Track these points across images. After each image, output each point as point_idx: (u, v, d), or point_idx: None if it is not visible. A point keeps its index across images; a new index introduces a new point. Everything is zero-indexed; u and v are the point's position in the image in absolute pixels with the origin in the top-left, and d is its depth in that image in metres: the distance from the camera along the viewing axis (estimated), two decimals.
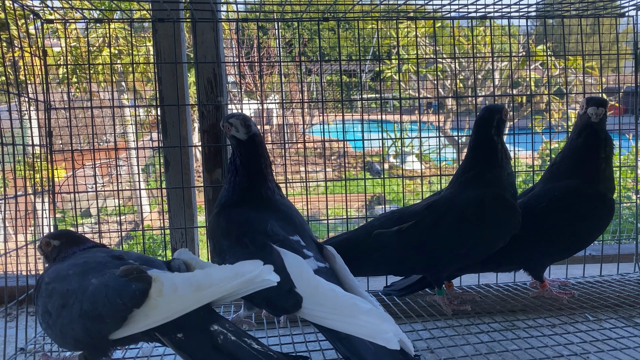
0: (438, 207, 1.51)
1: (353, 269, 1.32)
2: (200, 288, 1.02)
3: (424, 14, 2.11)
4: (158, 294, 1.02)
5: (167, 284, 1.03)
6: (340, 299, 1.05)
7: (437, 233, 1.47)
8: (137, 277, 1.04)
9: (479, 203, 1.47)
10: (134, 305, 1.02)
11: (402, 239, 1.48)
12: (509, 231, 1.48)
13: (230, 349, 1.03)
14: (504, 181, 1.51)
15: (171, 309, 1.02)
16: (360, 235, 1.56)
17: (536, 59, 4.83)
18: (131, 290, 1.03)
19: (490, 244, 1.49)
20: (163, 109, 1.85)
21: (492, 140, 1.52)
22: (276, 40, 5.88)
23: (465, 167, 1.56)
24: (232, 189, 1.39)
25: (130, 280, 1.04)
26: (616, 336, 1.35)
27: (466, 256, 1.50)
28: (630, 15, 2.04)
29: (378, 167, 7.27)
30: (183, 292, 1.02)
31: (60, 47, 3.51)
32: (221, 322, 1.07)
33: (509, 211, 1.48)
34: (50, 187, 1.77)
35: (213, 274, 1.06)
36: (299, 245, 1.25)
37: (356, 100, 4.86)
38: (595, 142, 1.58)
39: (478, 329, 1.47)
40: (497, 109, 1.54)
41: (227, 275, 1.04)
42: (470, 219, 1.46)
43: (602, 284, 1.82)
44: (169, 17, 1.79)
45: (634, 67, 2.03)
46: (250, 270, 1.05)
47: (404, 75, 6.32)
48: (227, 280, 1.03)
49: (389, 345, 0.96)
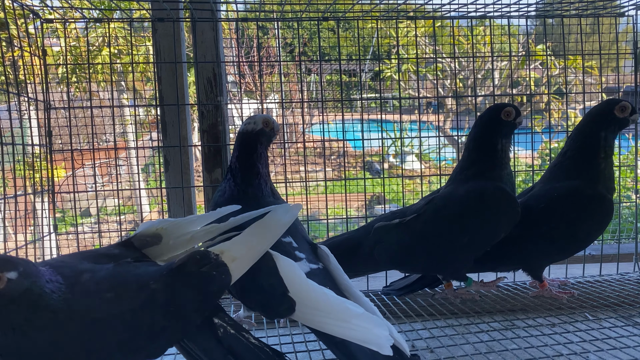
0: (438, 200, 1.53)
1: (355, 267, 1.32)
2: (264, 236, 1.06)
3: (424, 13, 2.11)
4: (232, 259, 1.01)
5: (235, 247, 1.03)
6: (333, 303, 1.04)
7: (438, 222, 1.49)
8: (210, 263, 1.00)
9: (479, 193, 1.50)
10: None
11: (404, 230, 1.50)
12: (508, 221, 1.50)
13: (230, 341, 1.03)
14: (503, 178, 1.53)
15: (247, 261, 1.03)
16: (361, 234, 1.58)
17: (536, 59, 4.83)
18: (210, 264, 1.00)
19: (492, 233, 1.51)
20: (163, 109, 1.85)
21: (492, 139, 1.53)
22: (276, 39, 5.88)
23: (464, 166, 1.58)
24: (225, 189, 1.40)
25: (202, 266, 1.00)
26: (616, 335, 1.35)
27: (468, 246, 1.50)
28: (630, 14, 2.04)
29: (378, 167, 7.26)
30: (255, 243, 1.05)
31: (59, 46, 3.50)
32: (221, 315, 1.07)
33: (509, 201, 1.50)
34: (49, 187, 1.77)
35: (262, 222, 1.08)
36: (291, 247, 1.24)
37: (356, 99, 4.86)
38: (600, 142, 1.58)
39: (478, 328, 1.47)
40: (497, 108, 1.55)
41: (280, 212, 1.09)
42: (471, 206, 1.49)
43: (602, 283, 1.82)
44: (168, 17, 1.79)
45: (634, 66, 2.03)
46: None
47: (404, 75, 6.32)
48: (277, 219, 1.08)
49: (382, 350, 0.95)
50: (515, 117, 1.55)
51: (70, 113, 1.85)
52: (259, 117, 1.43)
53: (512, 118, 1.55)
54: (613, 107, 1.58)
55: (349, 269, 1.26)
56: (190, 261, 0.97)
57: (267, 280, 1.12)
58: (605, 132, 1.58)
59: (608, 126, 1.58)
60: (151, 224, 1.15)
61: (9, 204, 1.66)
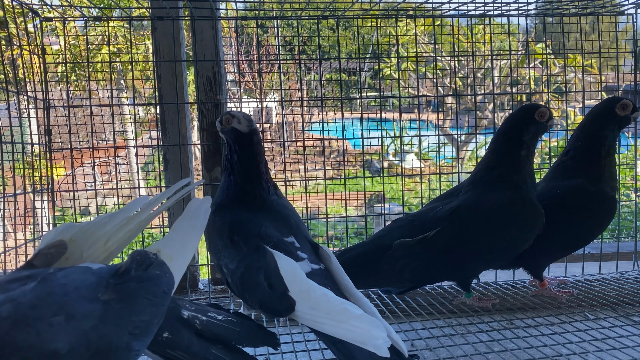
0: (464, 211, 1.48)
1: (375, 282, 1.29)
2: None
3: (424, 12, 2.11)
4: (169, 258, 0.93)
5: (165, 251, 0.92)
6: (332, 304, 1.04)
7: (465, 239, 1.45)
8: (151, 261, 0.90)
9: (507, 207, 1.46)
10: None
11: (427, 246, 1.45)
12: (535, 233, 1.48)
13: (211, 329, 1.03)
14: (527, 183, 1.50)
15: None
16: (379, 247, 1.52)
17: (535, 57, 4.83)
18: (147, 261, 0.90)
19: (518, 247, 1.49)
20: (162, 107, 1.85)
21: (520, 139, 1.50)
22: (275, 38, 5.88)
23: (489, 165, 1.53)
24: (227, 188, 1.39)
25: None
26: (615, 335, 1.35)
27: (494, 260, 1.50)
28: (630, 13, 2.04)
29: (377, 166, 7.26)
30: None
31: (59, 45, 3.50)
32: (184, 305, 1.05)
33: (535, 214, 1.47)
34: (49, 186, 1.77)
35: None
36: (293, 247, 1.25)
37: (356, 98, 4.86)
38: (604, 140, 1.58)
39: (477, 328, 1.47)
40: (530, 109, 1.51)
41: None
42: (499, 224, 1.45)
43: (601, 282, 1.83)
44: (168, 15, 1.79)
45: (634, 65, 2.03)
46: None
47: (404, 74, 6.31)
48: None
49: (379, 352, 0.95)
50: (548, 118, 1.51)
51: (70, 112, 1.85)
52: (241, 116, 1.40)
53: (546, 119, 1.50)
54: (614, 106, 1.57)
55: (369, 284, 1.23)
56: (135, 263, 0.87)
57: (267, 280, 1.13)
58: (607, 131, 1.58)
59: (609, 125, 1.58)
60: (55, 234, 0.94)
61: (8, 202, 1.66)
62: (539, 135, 1.52)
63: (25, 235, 1.75)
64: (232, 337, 1.05)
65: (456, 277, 1.58)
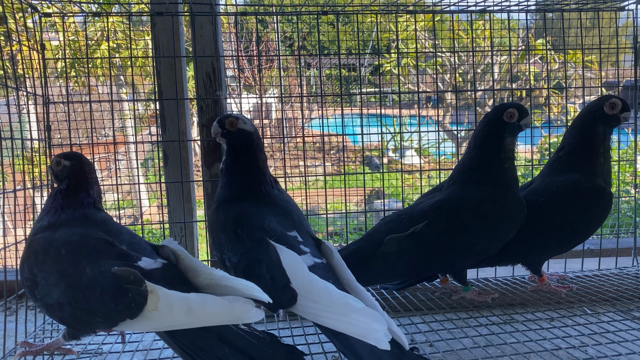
0: (449, 205, 1.49)
1: (369, 279, 1.30)
2: (192, 313, 1.00)
3: (424, 7, 2.11)
4: (153, 308, 1.01)
5: (163, 300, 1.01)
6: (333, 297, 1.05)
7: (452, 232, 1.47)
8: (134, 290, 1.01)
9: (491, 202, 1.48)
10: (127, 315, 1.02)
11: (416, 240, 1.46)
12: (518, 224, 1.50)
13: (234, 340, 1.04)
14: (508, 178, 1.52)
15: (162, 323, 1.02)
16: (370, 244, 1.52)
17: (535, 53, 4.82)
18: (127, 300, 1.01)
19: (503, 238, 1.51)
20: (162, 103, 1.85)
21: (495, 141, 1.51)
22: (275, 33, 5.87)
23: (471, 166, 1.54)
24: (230, 185, 1.40)
25: (127, 286, 1.02)
26: (614, 329, 1.36)
27: (481, 252, 1.51)
28: (630, 9, 2.04)
29: (377, 162, 7.27)
30: (176, 313, 1.00)
31: (58, 40, 3.49)
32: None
33: (519, 206, 1.50)
34: (49, 182, 1.77)
35: (208, 303, 1.02)
36: (296, 241, 1.25)
37: (355, 94, 4.85)
38: (595, 136, 1.58)
39: (477, 322, 1.48)
40: (498, 110, 1.52)
41: (221, 311, 1.01)
42: (485, 216, 1.47)
43: (601, 277, 1.83)
44: (167, 11, 1.79)
45: (634, 61, 2.03)
46: (244, 310, 1.02)
47: (403, 70, 6.30)
48: (219, 315, 1.02)
49: (380, 345, 0.96)
50: (518, 118, 1.50)
51: (69, 107, 1.85)
52: (244, 118, 1.43)
53: (515, 120, 1.50)
54: (603, 104, 1.58)
55: (363, 280, 1.24)
56: (125, 274, 1.04)
57: (270, 272, 1.13)
58: (598, 128, 1.59)
59: (598, 123, 1.59)
60: (178, 247, 1.22)
61: (8, 198, 1.66)
62: (512, 136, 1.52)
63: (25, 231, 1.75)
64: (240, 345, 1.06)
65: (447, 269, 1.59)
